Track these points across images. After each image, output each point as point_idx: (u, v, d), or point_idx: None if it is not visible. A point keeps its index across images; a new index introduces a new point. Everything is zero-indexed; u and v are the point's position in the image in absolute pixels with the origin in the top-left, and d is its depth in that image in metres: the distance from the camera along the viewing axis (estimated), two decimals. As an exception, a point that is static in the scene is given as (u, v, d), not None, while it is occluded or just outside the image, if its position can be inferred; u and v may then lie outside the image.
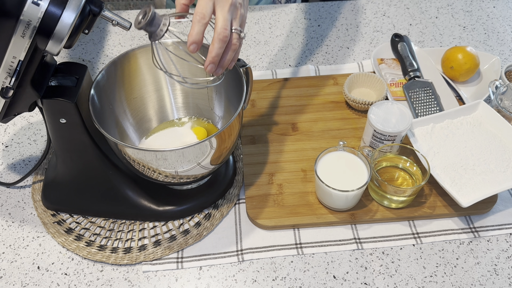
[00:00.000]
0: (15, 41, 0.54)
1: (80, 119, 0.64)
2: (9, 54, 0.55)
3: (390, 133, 0.75)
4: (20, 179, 0.77)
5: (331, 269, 0.69)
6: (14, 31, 0.53)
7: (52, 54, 0.56)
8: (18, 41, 0.54)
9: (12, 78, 0.57)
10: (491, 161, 0.75)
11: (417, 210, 0.74)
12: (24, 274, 0.70)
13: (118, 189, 0.73)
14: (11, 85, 0.57)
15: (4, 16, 0.52)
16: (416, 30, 1.09)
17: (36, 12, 0.52)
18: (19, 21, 0.52)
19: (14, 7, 0.52)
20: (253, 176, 0.79)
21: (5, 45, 0.54)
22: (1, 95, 0.57)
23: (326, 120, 0.88)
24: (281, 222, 0.73)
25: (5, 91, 0.57)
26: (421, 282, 0.68)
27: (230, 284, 0.68)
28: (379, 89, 0.90)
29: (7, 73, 0.56)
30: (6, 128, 0.89)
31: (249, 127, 0.87)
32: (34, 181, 0.80)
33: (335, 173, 0.72)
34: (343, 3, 1.16)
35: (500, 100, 0.84)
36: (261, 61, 1.02)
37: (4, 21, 0.52)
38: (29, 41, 0.54)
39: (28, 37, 0.54)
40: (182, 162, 0.64)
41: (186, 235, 0.73)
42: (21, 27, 0.53)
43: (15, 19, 0.52)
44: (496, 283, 0.68)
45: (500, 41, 1.06)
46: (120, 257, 0.71)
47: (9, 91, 0.57)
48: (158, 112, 0.82)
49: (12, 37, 0.53)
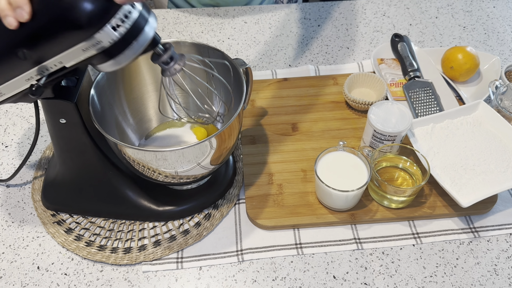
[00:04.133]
0: (74, 51, 0.52)
1: (80, 119, 0.64)
2: (59, 58, 0.53)
3: (390, 133, 0.75)
4: (12, 174, 0.77)
5: (331, 269, 0.69)
6: (77, 43, 0.51)
7: (101, 71, 0.56)
8: (77, 52, 0.52)
9: (44, 77, 0.55)
10: (491, 161, 0.75)
11: (417, 210, 0.74)
12: (24, 274, 0.70)
13: (118, 189, 0.73)
14: (41, 84, 0.55)
15: (76, 29, 0.50)
16: (416, 30, 1.09)
17: (111, 36, 0.51)
18: (90, 38, 0.51)
19: (91, 25, 0.50)
20: (253, 176, 0.79)
21: (59, 50, 0.52)
22: (30, 93, 0.55)
23: (326, 120, 0.88)
24: (281, 222, 0.73)
25: (36, 90, 0.55)
26: (421, 282, 0.68)
27: (230, 284, 0.68)
28: (379, 89, 0.90)
29: (41, 72, 0.55)
30: (6, 128, 0.89)
31: (249, 127, 0.87)
32: (34, 181, 0.80)
33: (335, 173, 0.72)
34: (343, 3, 1.16)
35: (500, 100, 0.84)
36: (261, 61, 1.02)
37: (73, 33, 0.51)
38: (87, 56, 0.53)
39: (90, 52, 0.52)
40: (182, 162, 0.64)
41: (186, 235, 0.73)
42: (88, 43, 0.51)
43: (87, 36, 0.51)
44: (496, 283, 0.68)
45: (500, 41, 1.06)
46: (120, 257, 0.71)
47: (40, 90, 0.55)
48: (158, 112, 0.82)
49: (72, 47, 0.52)
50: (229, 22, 1.12)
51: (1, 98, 0.59)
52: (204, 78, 0.77)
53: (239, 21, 1.12)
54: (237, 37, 1.08)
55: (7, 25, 0.50)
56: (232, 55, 1.04)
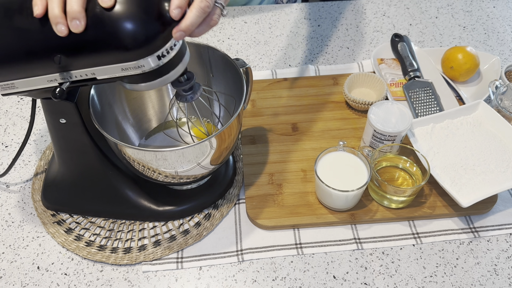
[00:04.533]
0: (112, 68, 0.53)
1: (80, 119, 0.64)
2: (93, 70, 0.53)
3: (390, 133, 0.75)
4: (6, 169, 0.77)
5: (331, 269, 0.69)
6: (119, 63, 0.52)
7: (129, 89, 0.57)
8: (114, 69, 0.53)
9: (68, 82, 0.55)
10: (491, 161, 0.75)
11: (417, 210, 0.74)
12: (24, 274, 0.70)
13: (118, 189, 0.73)
14: (65, 88, 0.55)
15: (125, 51, 0.51)
16: (416, 30, 1.09)
17: (155, 63, 0.52)
18: (134, 61, 0.51)
19: (141, 52, 0.51)
20: (253, 176, 0.79)
21: (98, 63, 0.52)
22: (53, 96, 0.54)
23: (326, 120, 0.88)
24: (281, 222, 0.73)
25: (60, 94, 0.54)
26: (421, 282, 0.68)
27: (230, 284, 0.68)
28: (379, 89, 0.90)
29: (68, 78, 0.54)
30: (6, 128, 0.89)
31: (249, 127, 0.87)
32: (34, 181, 0.80)
33: (335, 173, 0.72)
34: (343, 3, 1.16)
35: (500, 100, 0.84)
36: (261, 61, 1.02)
37: (120, 53, 0.51)
38: (123, 75, 0.53)
39: (128, 72, 0.53)
40: (182, 162, 0.64)
41: (186, 235, 0.73)
42: (130, 64, 0.52)
43: (133, 58, 0.51)
44: (496, 283, 0.68)
45: (500, 41, 1.06)
46: (120, 257, 0.71)
47: (63, 94, 0.54)
48: (158, 112, 0.82)
49: (113, 64, 0.52)
50: (229, 22, 1.12)
51: (10, 91, 0.58)
52: (205, 78, 0.77)
53: (239, 21, 1.12)
54: (237, 37, 1.08)
55: (57, 31, 0.49)
56: (232, 55, 1.04)
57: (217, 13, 0.53)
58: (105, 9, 0.49)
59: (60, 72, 0.54)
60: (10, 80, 0.56)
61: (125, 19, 0.49)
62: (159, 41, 0.51)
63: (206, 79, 0.78)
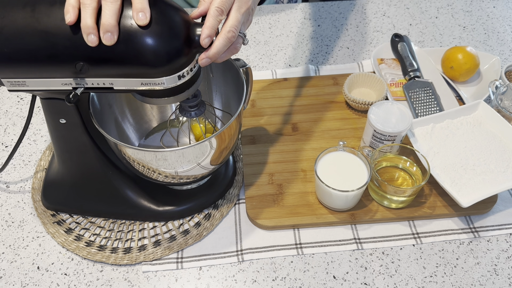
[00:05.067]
0: (132, 81, 0.54)
1: (80, 119, 0.64)
2: (112, 80, 0.54)
3: (390, 133, 0.75)
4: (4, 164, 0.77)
5: (331, 269, 0.69)
6: (141, 77, 0.53)
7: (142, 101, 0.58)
8: (134, 83, 0.54)
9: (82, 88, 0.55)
10: (491, 161, 0.75)
11: (417, 210, 0.74)
12: (24, 274, 0.70)
13: (118, 189, 0.73)
14: (79, 93, 0.55)
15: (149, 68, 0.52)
16: (416, 30, 1.09)
17: (175, 82, 0.54)
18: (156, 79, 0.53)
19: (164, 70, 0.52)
20: (253, 176, 0.79)
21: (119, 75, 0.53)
22: (67, 100, 0.54)
23: (326, 120, 0.88)
24: (281, 222, 0.73)
25: (73, 98, 0.55)
26: (421, 282, 0.68)
27: (230, 284, 0.68)
28: (379, 89, 0.90)
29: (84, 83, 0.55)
30: (6, 128, 0.89)
31: (249, 127, 0.87)
32: (34, 181, 0.80)
33: (335, 173, 0.72)
34: (343, 3, 1.16)
35: (500, 100, 0.84)
36: (261, 61, 1.02)
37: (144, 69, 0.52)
38: (142, 89, 0.55)
39: (146, 87, 0.54)
40: (182, 162, 0.64)
41: (186, 235, 0.73)
42: (151, 80, 0.53)
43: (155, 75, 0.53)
44: (496, 283, 0.68)
45: (500, 41, 1.06)
46: (120, 257, 0.70)
47: (76, 99, 0.55)
48: (158, 112, 0.82)
49: (133, 78, 0.53)
50: (229, 22, 1.12)
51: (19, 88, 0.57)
52: (205, 78, 0.78)
53: (239, 21, 1.12)
54: (237, 37, 1.08)
55: (87, 41, 0.50)
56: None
57: (240, 42, 0.57)
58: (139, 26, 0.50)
59: (77, 77, 0.54)
60: (23, 78, 0.56)
61: (157, 38, 0.50)
62: (184, 63, 0.53)
63: (206, 79, 0.78)
